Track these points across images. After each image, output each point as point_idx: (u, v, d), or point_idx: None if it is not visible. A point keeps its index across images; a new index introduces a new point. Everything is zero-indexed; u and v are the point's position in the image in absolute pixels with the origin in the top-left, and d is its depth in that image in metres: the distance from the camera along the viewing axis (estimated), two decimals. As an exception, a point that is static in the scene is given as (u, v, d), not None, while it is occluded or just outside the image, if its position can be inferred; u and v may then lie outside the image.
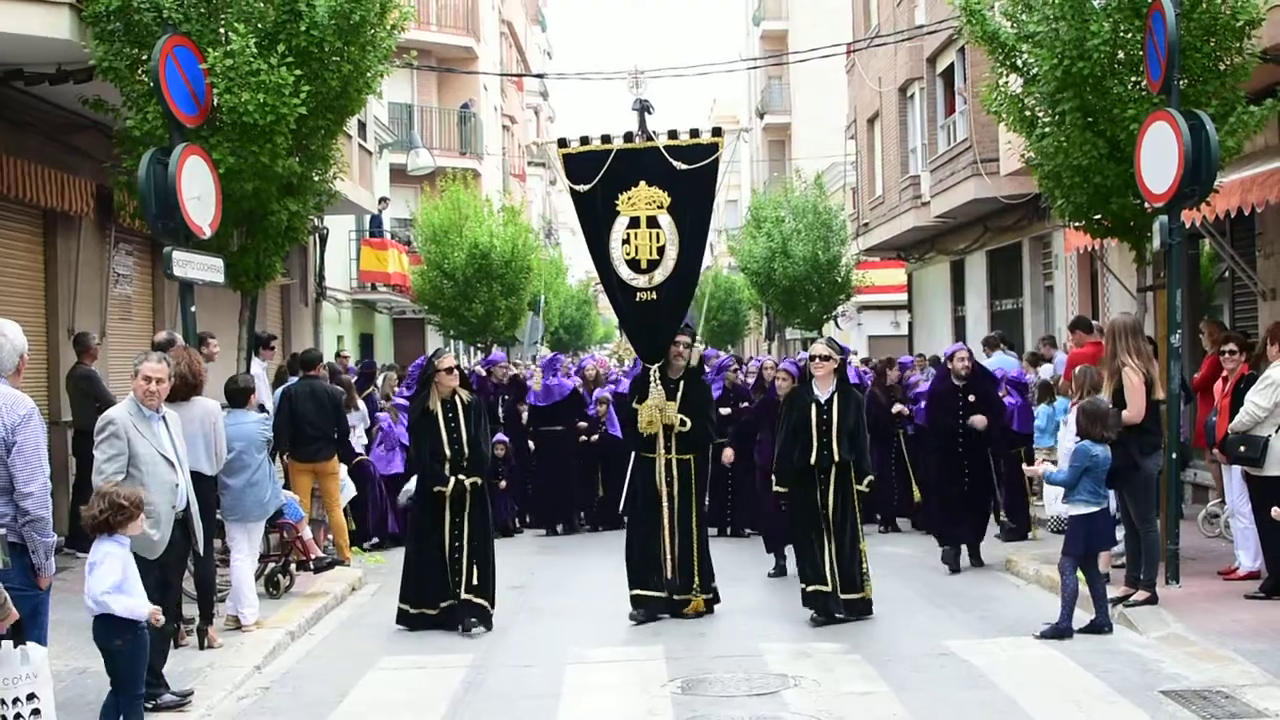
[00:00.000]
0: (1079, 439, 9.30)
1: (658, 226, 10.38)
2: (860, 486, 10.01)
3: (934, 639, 9.19)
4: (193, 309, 10.88)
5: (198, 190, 10.45)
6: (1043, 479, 10.48)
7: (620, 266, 10.45)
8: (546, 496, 16.17)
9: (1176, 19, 9.94)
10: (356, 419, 14.24)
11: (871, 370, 16.72)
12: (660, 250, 10.37)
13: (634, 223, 10.40)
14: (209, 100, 10.76)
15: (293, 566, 11.36)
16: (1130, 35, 10.89)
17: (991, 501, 12.99)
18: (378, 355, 27.95)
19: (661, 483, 10.28)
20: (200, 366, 9.22)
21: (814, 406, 9.95)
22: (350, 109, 12.20)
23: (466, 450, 9.95)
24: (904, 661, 8.55)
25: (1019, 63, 11.98)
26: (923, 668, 8.39)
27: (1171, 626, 8.95)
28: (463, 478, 9.90)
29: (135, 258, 15.39)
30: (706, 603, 10.35)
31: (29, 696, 5.92)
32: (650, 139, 10.50)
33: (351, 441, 13.58)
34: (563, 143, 10.83)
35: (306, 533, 11.46)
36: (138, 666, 6.68)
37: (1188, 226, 11.55)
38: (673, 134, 10.54)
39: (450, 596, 9.89)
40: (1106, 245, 14.76)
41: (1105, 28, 10.84)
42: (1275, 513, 8.63)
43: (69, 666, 8.01)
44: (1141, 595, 9.59)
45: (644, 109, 10.59)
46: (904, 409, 14.94)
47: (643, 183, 10.39)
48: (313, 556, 11.46)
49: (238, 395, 10.14)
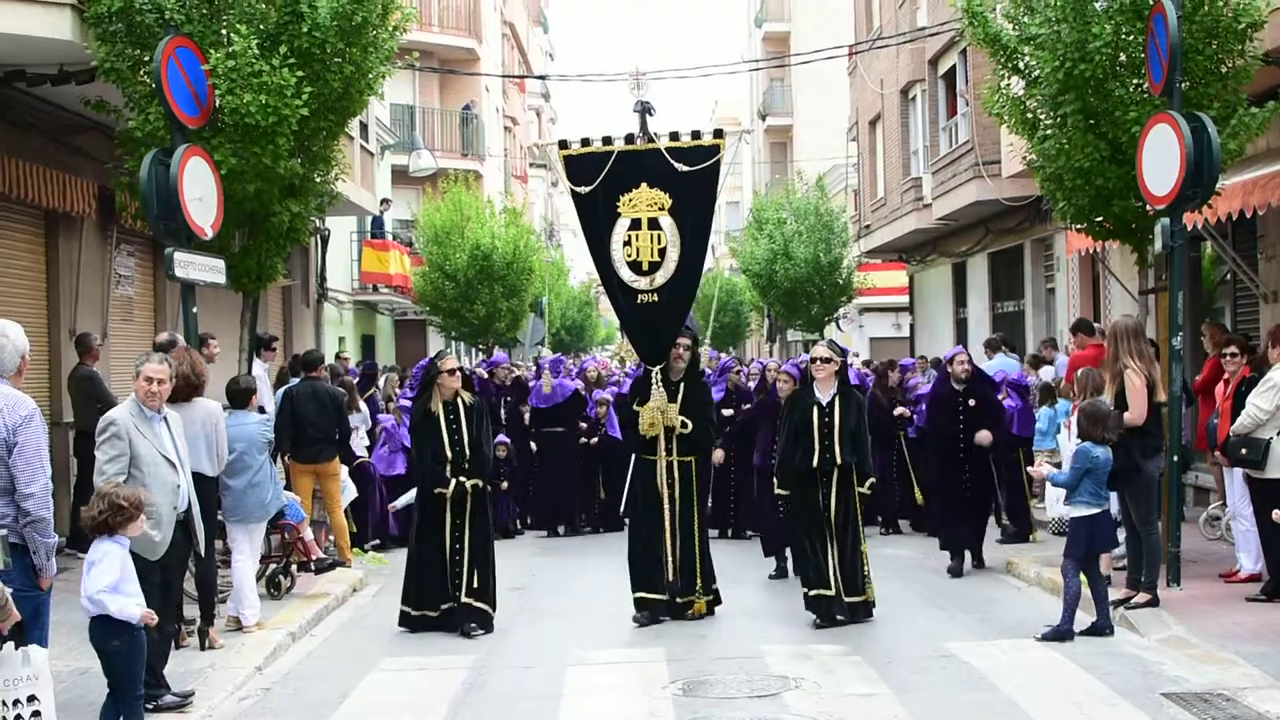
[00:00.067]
0: (1080, 440, 9.30)
1: (659, 228, 10.38)
2: (862, 489, 10.01)
3: (935, 641, 9.19)
4: (194, 310, 10.89)
5: (199, 191, 10.47)
6: (1046, 481, 10.47)
7: (621, 268, 10.45)
8: (547, 498, 16.17)
9: (1178, 21, 9.94)
10: (358, 420, 14.24)
11: (872, 372, 16.73)
12: (661, 252, 10.37)
13: (635, 224, 10.39)
14: (211, 101, 10.77)
15: (294, 567, 11.36)
16: (1132, 37, 10.89)
17: (992, 504, 13.01)
18: (379, 356, 27.93)
19: (663, 485, 10.27)
20: (202, 367, 9.22)
21: (815, 409, 9.95)
22: (352, 110, 12.21)
23: (468, 452, 9.95)
24: (905, 663, 8.54)
25: (1021, 65, 11.99)
26: (924, 670, 8.39)
27: (1173, 629, 8.94)
28: (464, 480, 9.91)
29: (137, 259, 15.40)
30: (708, 604, 10.35)
31: (29, 698, 5.92)
32: (651, 140, 10.51)
33: (352, 444, 13.60)
34: (564, 144, 10.83)
35: (308, 534, 11.47)
36: (135, 668, 6.68)
37: (1189, 229, 11.56)
38: (674, 135, 10.54)
39: (450, 599, 9.89)
40: (1108, 247, 14.76)
41: (1107, 30, 10.84)
42: (1276, 515, 8.63)
43: (69, 667, 8.01)
44: (1143, 597, 9.59)
45: (645, 110, 10.60)
46: (905, 411, 14.96)
47: (644, 184, 10.39)
48: (314, 557, 11.49)
49: (239, 396, 10.15)
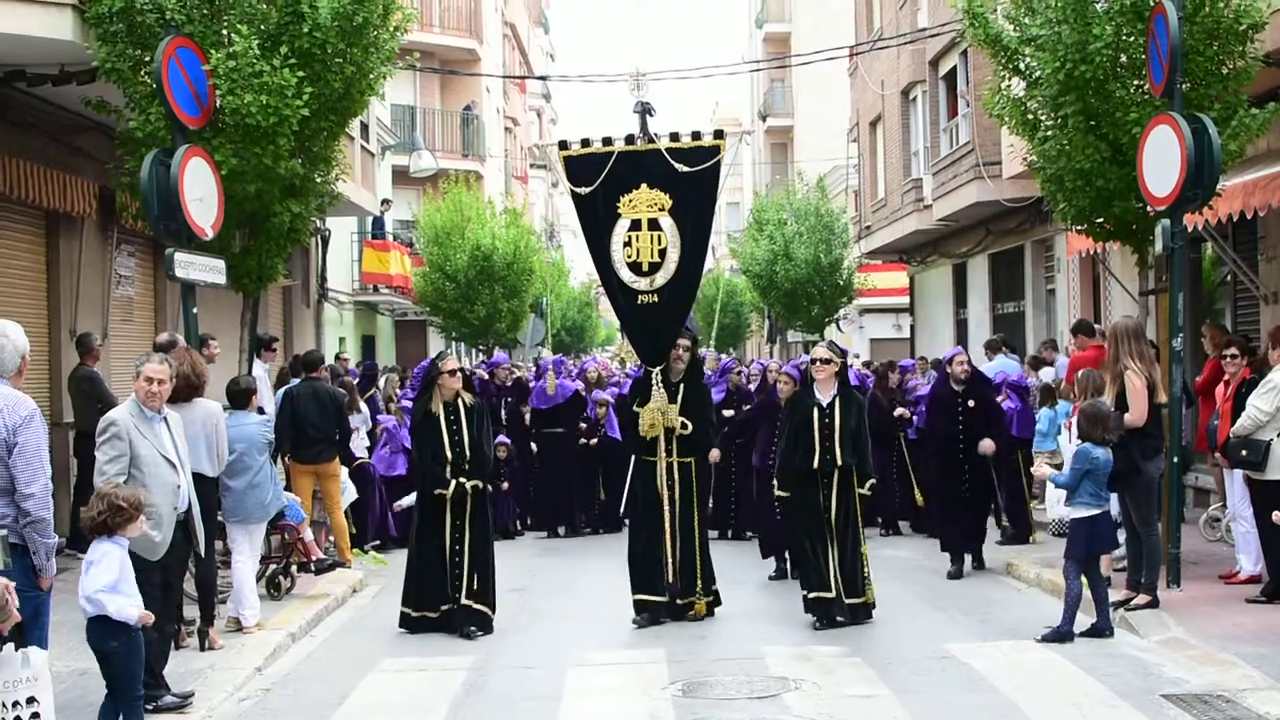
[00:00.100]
0: (1080, 441, 9.30)
1: (659, 229, 10.36)
2: (862, 490, 10.00)
3: (935, 642, 9.18)
4: (194, 310, 10.89)
5: (200, 191, 10.47)
6: (1047, 482, 10.47)
7: (621, 269, 10.43)
8: (547, 499, 16.17)
9: (1179, 22, 9.94)
10: (358, 421, 14.23)
11: (872, 374, 16.72)
12: (661, 253, 10.35)
13: (635, 225, 10.37)
14: (211, 102, 10.77)
15: (294, 568, 11.36)
16: (1132, 39, 10.89)
17: (991, 504, 13.00)
18: (379, 357, 27.93)
19: (663, 486, 10.26)
20: (202, 368, 9.22)
21: (816, 410, 9.94)
22: (353, 110, 12.21)
23: (468, 453, 9.94)
24: (905, 665, 8.54)
25: (1021, 66, 11.99)
26: (924, 671, 8.38)
27: (1173, 630, 8.94)
28: (463, 481, 9.90)
29: (137, 259, 15.40)
30: (708, 605, 10.34)
31: (29, 700, 5.92)
32: (652, 141, 10.49)
33: (352, 445, 13.59)
34: (563, 145, 10.82)
35: (308, 534, 11.47)
36: (134, 668, 6.67)
37: (1190, 230, 11.56)
38: (674, 136, 10.52)
39: (450, 600, 9.89)
40: (1108, 249, 14.76)
41: (1108, 31, 10.84)
42: (1276, 517, 8.64)
43: (69, 668, 8.01)
44: (1143, 599, 9.58)
45: (645, 111, 10.58)
46: (905, 412, 14.95)
47: (644, 185, 10.37)
48: (314, 558, 11.48)
49: (239, 397, 10.15)
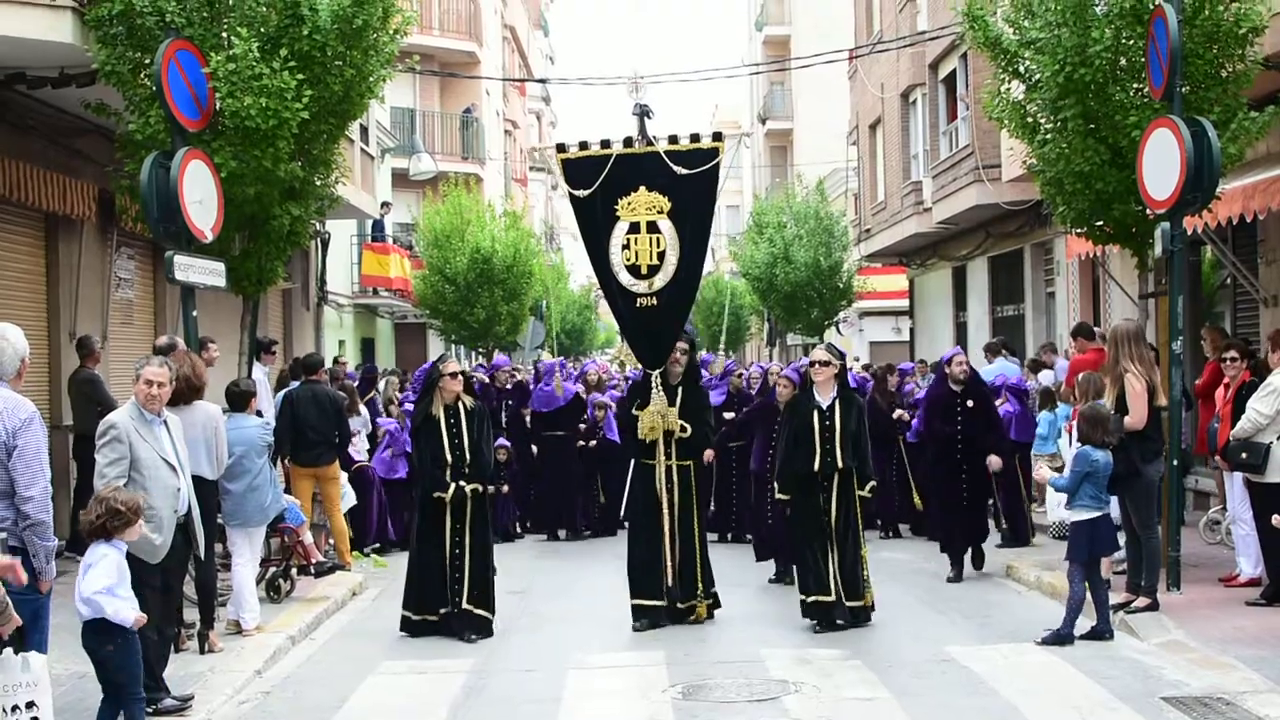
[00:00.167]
0: (1080, 444, 9.30)
1: (658, 231, 10.34)
2: (863, 491, 9.99)
3: (935, 645, 9.18)
4: (194, 313, 10.89)
5: (199, 194, 10.47)
6: (1047, 485, 10.47)
7: (620, 272, 10.40)
8: (547, 502, 16.17)
9: (1179, 26, 9.94)
10: (358, 424, 14.23)
11: (871, 377, 16.72)
12: (660, 255, 10.33)
13: (634, 228, 10.35)
14: (211, 104, 10.77)
15: (293, 571, 11.35)
16: (1132, 42, 10.89)
17: (990, 505, 12.97)
18: (379, 360, 27.93)
19: (662, 489, 10.24)
20: (202, 370, 9.22)
21: (816, 412, 9.93)
22: (352, 113, 12.21)
23: (468, 456, 9.93)
24: (905, 668, 8.54)
25: (1021, 69, 11.99)
26: (924, 674, 8.38)
27: (1172, 633, 8.93)
28: (463, 484, 9.89)
29: (137, 261, 15.40)
30: (708, 608, 10.34)
31: (28, 704, 5.92)
32: (650, 144, 10.47)
33: (351, 451, 13.58)
34: (561, 148, 10.80)
35: (307, 537, 11.45)
36: (133, 670, 6.66)
37: (1189, 233, 11.55)
38: (673, 139, 10.49)
39: (450, 604, 9.87)
40: (1108, 251, 14.77)
41: (1107, 34, 10.84)
42: (1276, 520, 8.64)
43: (68, 671, 7.99)
44: (1143, 602, 9.58)
45: (644, 114, 10.57)
46: (904, 414, 14.94)
47: (643, 188, 10.34)
48: (313, 561, 11.45)
49: (238, 399, 10.13)
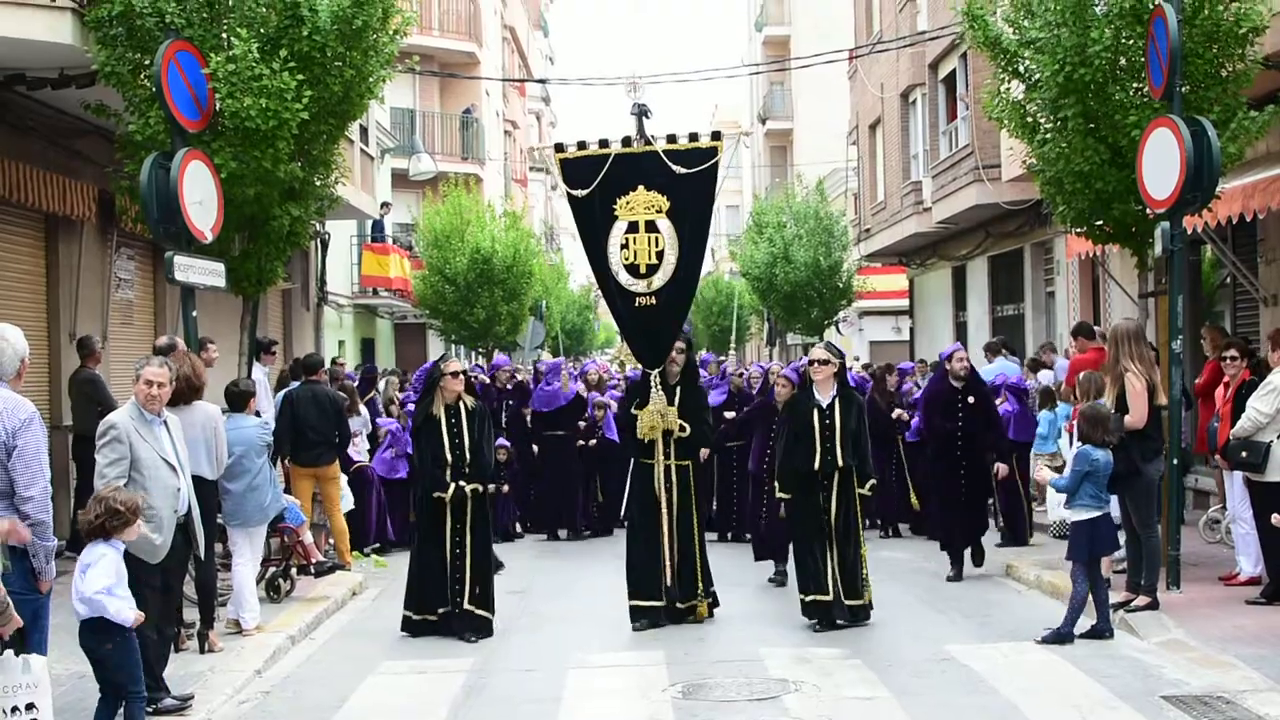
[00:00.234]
0: (1080, 443, 9.30)
1: (656, 231, 10.33)
2: (863, 490, 9.99)
3: (935, 644, 9.18)
4: (194, 314, 10.89)
5: (199, 195, 10.47)
6: (1048, 485, 10.48)
7: (619, 272, 10.40)
8: (548, 502, 16.16)
9: (1178, 25, 9.94)
10: (358, 425, 14.23)
11: (870, 377, 16.71)
12: (659, 255, 10.32)
13: (633, 227, 10.34)
14: (211, 105, 10.78)
15: (293, 571, 11.35)
16: (1132, 41, 10.89)
17: (989, 502, 12.94)
18: (379, 360, 27.92)
19: (660, 489, 10.23)
20: (201, 370, 9.22)
21: (816, 411, 9.93)
22: (352, 114, 12.21)
23: (468, 456, 9.92)
24: (905, 666, 8.54)
25: (1021, 68, 11.99)
26: (924, 673, 8.38)
27: (1172, 632, 8.94)
28: (463, 484, 9.88)
29: (137, 262, 15.41)
30: (708, 607, 10.33)
31: (28, 706, 5.93)
32: (649, 143, 10.45)
33: (350, 452, 13.58)
34: (560, 147, 10.78)
35: (307, 537, 11.45)
36: (132, 667, 6.66)
37: (1189, 233, 11.56)
38: (671, 138, 10.48)
39: (449, 603, 9.86)
40: (1108, 251, 14.76)
41: (1106, 34, 10.84)
42: (1276, 519, 8.64)
43: (68, 670, 7.99)
44: (1143, 600, 9.58)
45: (642, 113, 10.55)
46: (903, 414, 14.93)
47: (641, 187, 10.34)
48: (313, 561, 11.46)
49: (236, 399, 10.12)
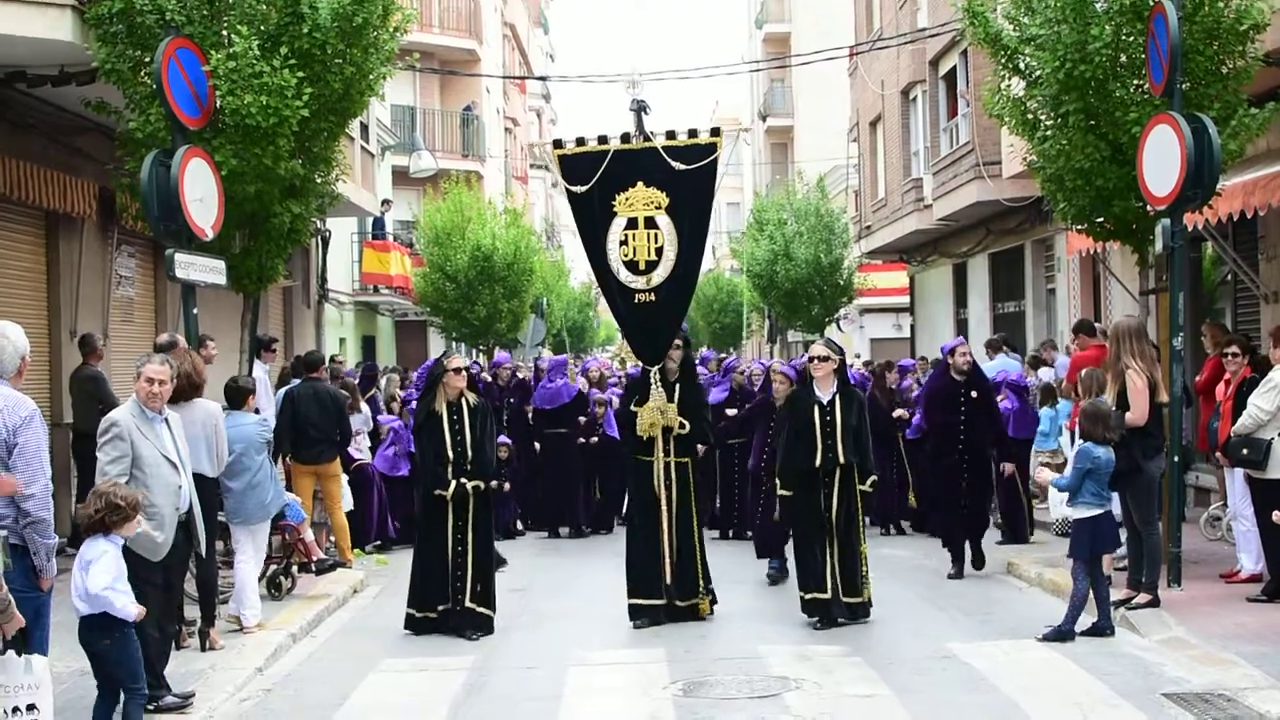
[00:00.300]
0: (1081, 440, 9.29)
1: (656, 227, 10.30)
2: (864, 486, 9.97)
3: (935, 641, 9.18)
4: (195, 311, 10.89)
5: (200, 192, 10.47)
6: (1050, 485, 10.48)
7: (618, 268, 10.37)
8: (550, 499, 16.15)
9: (1179, 22, 9.93)
10: (359, 423, 14.22)
11: (870, 374, 16.70)
12: (658, 251, 10.29)
13: (632, 224, 10.32)
14: (211, 102, 10.77)
15: (295, 569, 11.35)
16: (1132, 38, 10.89)
17: (990, 500, 12.91)
18: (380, 358, 27.94)
19: (660, 486, 10.22)
20: (202, 368, 9.22)
21: (816, 408, 9.92)
22: (353, 111, 12.21)
23: (470, 453, 9.88)
24: (905, 664, 8.54)
25: (1021, 65, 11.99)
26: (924, 670, 8.38)
27: (1173, 629, 8.93)
28: (464, 481, 9.86)
29: (137, 259, 15.41)
30: (709, 604, 10.33)
31: (29, 707, 5.94)
32: (648, 139, 10.42)
33: (351, 450, 13.57)
34: (558, 143, 10.77)
35: (308, 535, 11.46)
36: (131, 664, 6.66)
37: (1190, 230, 11.55)
38: (671, 134, 10.46)
39: (450, 601, 9.85)
40: (1109, 248, 14.76)
41: (1107, 31, 10.84)
42: (1277, 516, 8.64)
43: (70, 668, 7.98)
44: (1144, 598, 9.58)
45: (641, 109, 10.51)
46: (904, 413, 14.90)
47: (640, 183, 10.31)
48: (314, 558, 11.47)
49: (235, 396, 10.09)
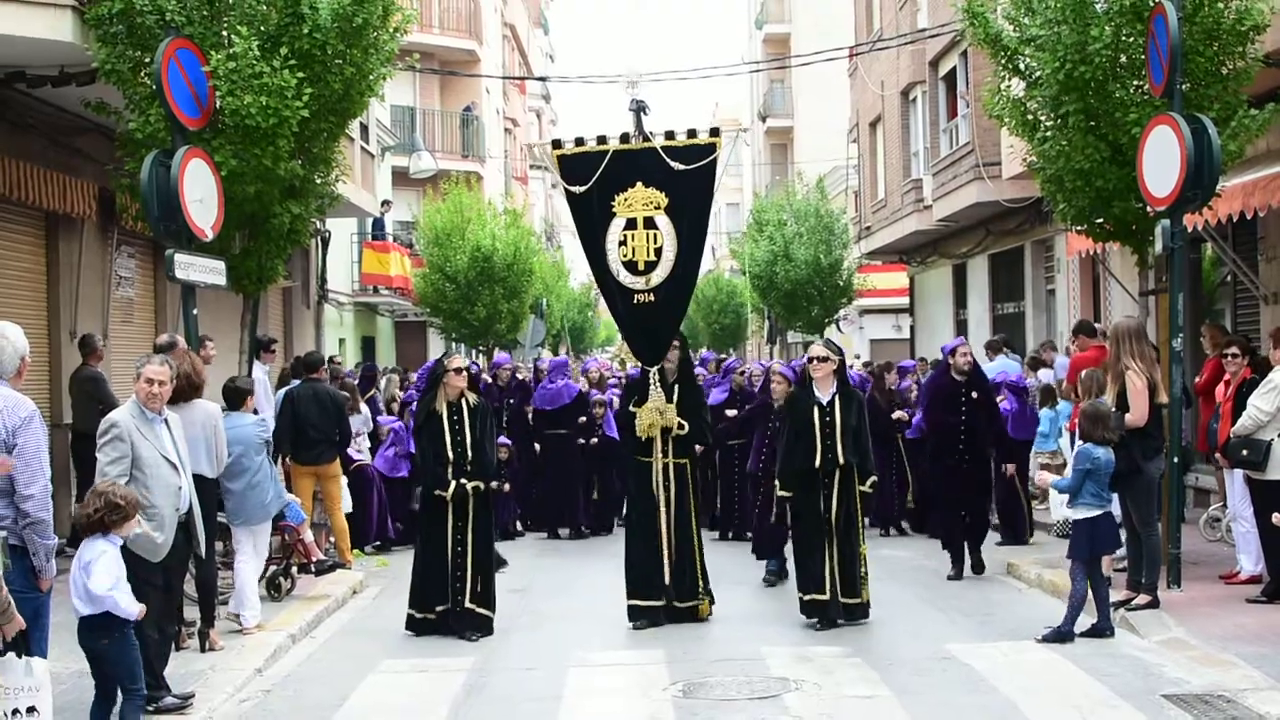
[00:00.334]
0: (1081, 442, 9.29)
1: (655, 227, 10.30)
2: (863, 487, 9.97)
3: (935, 643, 9.17)
4: (195, 312, 10.89)
5: (200, 193, 10.47)
6: (1050, 488, 10.49)
7: (617, 269, 10.36)
8: (550, 500, 16.14)
9: (1179, 23, 9.93)
10: (359, 424, 14.22)
11: (869, 375, 16.69)
12: (658, 251, 10.28)
13: (631, 224, 10.31)
14: (211, 103, 10.77)
15: (294, 569, 11.35)
16: (1132, 39, 10.89)
17: (990, 501, 12.90)
18: (379, 358, 27.93)
19: (659, 487, 10.21)
20: (201, 369, 9.22)
21: (816, 409, 9.91)
22: (352, 112, 12.20)
23: (469, 454, 9.87)
24: (905, 665, 8.54)
25: (1021, 66, 11.99)
26: (924, 671, 8.38)
27: (1173, 630, 8.93)
28: (464, 482, 9.86)
29: (137, 260, 15.40)
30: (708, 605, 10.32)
31: (29, 710, 5.94)
32: (647, 139, 10.41)
33: (350, 451, 13.57)
34: (557, 144, 10.76)
35: (308, 535, 11.44)
36: (131, 664, 6.66)
37: (1189, 230, 11.55)
38: (670, 134, 10.45)
39: (449, 601, 9.84)
40: (1108, 249, 14.76)
41: (1107, 31, 10.84)
42: (1277, 518, 8.63)
43: (69, 669, 7.97)
44: (1143, 599, 9.58)
45: (640, 109, 10.50)
46: (903, 415, 14.89)
47: (639, 183, 10.31)
48: (314, 559, 11.45)
49: (233, 396, 10.08)
